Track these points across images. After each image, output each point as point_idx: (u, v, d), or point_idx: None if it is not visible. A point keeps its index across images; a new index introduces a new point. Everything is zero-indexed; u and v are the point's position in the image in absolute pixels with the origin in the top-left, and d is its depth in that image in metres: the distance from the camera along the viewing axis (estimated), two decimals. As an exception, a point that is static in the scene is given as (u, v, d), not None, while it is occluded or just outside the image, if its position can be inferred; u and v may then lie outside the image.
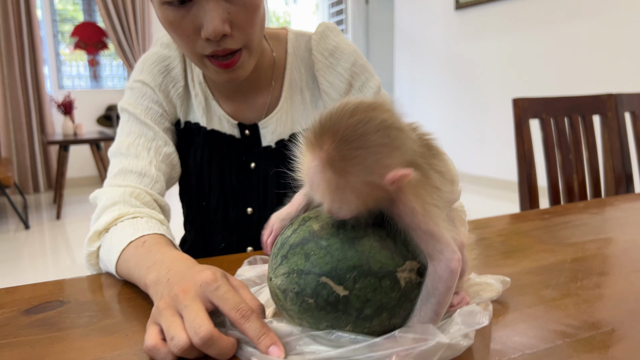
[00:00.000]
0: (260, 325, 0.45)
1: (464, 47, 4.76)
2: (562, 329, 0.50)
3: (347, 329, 0.44)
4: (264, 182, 0.87)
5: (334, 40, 0.87)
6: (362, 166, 0.39)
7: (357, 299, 0.43)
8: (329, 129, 0.40)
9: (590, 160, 1.58)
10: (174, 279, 0.51)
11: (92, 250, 0.70)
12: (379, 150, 0.39)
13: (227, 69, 0.73)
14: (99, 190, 0.77)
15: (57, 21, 5.11)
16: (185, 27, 0.69)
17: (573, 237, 0.81)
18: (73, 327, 0.53)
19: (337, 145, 0.39)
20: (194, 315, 0.45)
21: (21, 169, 4.80)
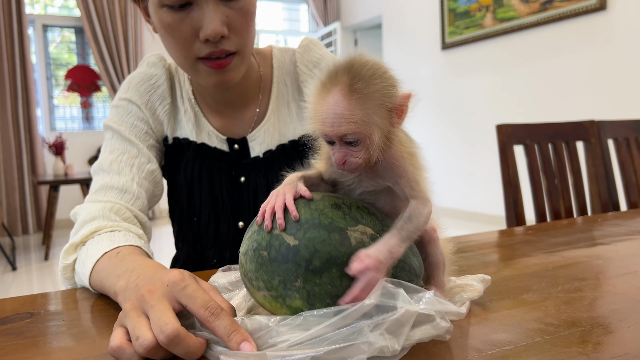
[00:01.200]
0: (230, 323, 0.43)
1: (451, 85, 4.87)
2: (541, 327, 0.49)
3: (298, 285, 0.44)
4: (254, 195, 0.87)
5: (317, 52, 0.90)
6: (379, 87, 0.44)
7: (306, 248, 0.45)
8: (343, 68, 0.44)
9: (575, 185, 1.59)
10: (142, 283, 0.50)
11: (68, 263, 0.69)
12: (389, 81, 0.45)
13: (220, 70, 0.75)
14: (78, 206, 0.77)
15: (51, 64, 5.19)
16: (184, 29, 0.72)
17: (556, 248, 0.80)
18: (40, 336, 0.51)
19: (355, 76, 0.44)
20: (160, 314, 0.43)
21: (11, 210, 4.76)
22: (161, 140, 0.88)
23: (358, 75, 0.44)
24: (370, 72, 0.44)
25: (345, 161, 0.46)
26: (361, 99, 0.44)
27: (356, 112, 0.44)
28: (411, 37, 5.34)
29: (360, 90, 0.44)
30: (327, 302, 0.45)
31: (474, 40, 4.53)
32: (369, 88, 0.44)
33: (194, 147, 0.87)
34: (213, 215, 0.87)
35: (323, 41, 6.36)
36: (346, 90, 0.44)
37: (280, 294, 0.46)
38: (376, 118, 0.44)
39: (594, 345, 0.45)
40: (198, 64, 0.75)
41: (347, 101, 0.44)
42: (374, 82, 0.44)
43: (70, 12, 5.25)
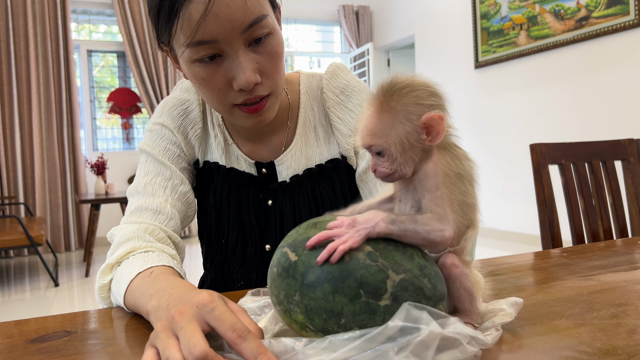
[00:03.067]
0: (257, 345, 0.44)
1: (485, 104, 4.81)
2: (574, 355, 0.48)
3: (297, 298, 0.46)
4: (281, 218, 0.88)
5: (344, 78, 0.91)
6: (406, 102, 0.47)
7: (303, 264, 0.47)
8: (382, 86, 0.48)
9: (615, 205, 1.54)
10: (173, 303, 0.51)
11: (104, 283, 0.72)
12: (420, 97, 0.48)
13: (256, 113, 0.76)
14: (115, 227, 0.79)
15: (95, 88, 5.41)
16: (217, 81, 0.72)
17: (592, 272, 0.78)
18: (76, 354, 0.53)
19: (387, 92, 0.48)
20: (189, 335, 0.44)
21: (54, 228, 4.94)
22: (192, 163, 0.91)
23: (390, 91, 0.47)
24: (401, 89, 0.47)
25: (375, 169, 0.50)
26: (386, 114, 0.47)
27: (378, 125, 0.48)
28: (444, 56, 5.32)
29: (387, 106, 0.47)
30: (323, 317, 0.45)
31: (507, 58, 4.48)
32: (395, 103, 0.47)
33: (223, 171, 0.89)
34: (240, 238, 0.89)
35: (356, 62, 6.41)
36: (377, 106, 0.48)
37: (286, 308, 0.48)
38: (397, 131, 0.47)
39: (628, 375, 0.44)
40: (234, 110, 0.77)
41: (375, 116, 0.48)
42: (402, 99, 0.47)
43: (113, 38, 5.48)
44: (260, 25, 0.70)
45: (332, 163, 0.90)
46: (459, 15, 5.05)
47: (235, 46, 0.70)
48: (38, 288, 3.75)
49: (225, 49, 0.70)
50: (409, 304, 0.43)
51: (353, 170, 0.92)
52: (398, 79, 0.48)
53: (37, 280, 3.98)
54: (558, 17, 4.00)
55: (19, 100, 4.80)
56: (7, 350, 0.55)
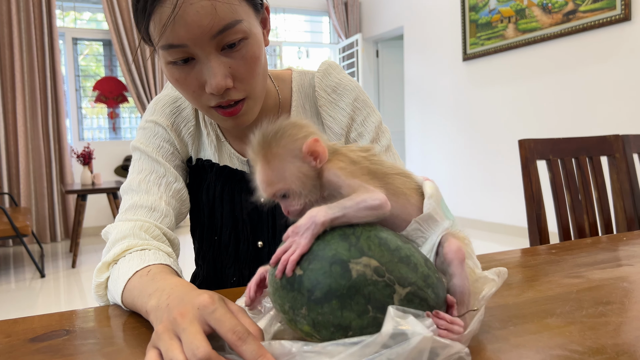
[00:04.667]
0: (257, 347, 0.44)
1: (472, 96, 4.84)
2: (565, 354, 0.50)
3: (303, 312, 0.46)
4: (273, 216, 0.89)
5: (336, 77, 0.91)
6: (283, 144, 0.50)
7: (309, 279, 0.47)
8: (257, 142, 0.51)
9: (600, 200, 1.58)
10: (173, 304, 0.51)
11: (101, 281, 0.72)
12: (293, 135, 0.51)
13: (232, 116, 0.77)
14: (110, 225, 0.79)
15: (80, 76, 5.33)
16: (191, 83, 0.73)
17: (580, 270, 0.80)
18: (77, 354, 0.54)
19: (264, 144, 0.51)
20: (192, 337, 0.45)
21: (40, 218, 4.89)
22: (185, 160, 0.91)
23: (267, 141, 0.51)
24: (275, 135, 0.51)
25: (288, 211, 0.53)
26: (274, 161, 0.51)
27: (272, 174, 0.51)
28: (432, 48, 5.34)
29: (271, 154, 0.50)
30: (331, 330, 0.46)
31: (495, 51, 4.51)
32: (276, 149, 0.50)
33: (216, 169, 0.89)
34: (233, 235, 0.90)
35: (345, 52, 6.40)
36: (263, 158, 0.51)
37: (292, 318, 0.48)
38: (290, 171, 0.50)
39: (617, 374, 0.45)
40: (211, 111, 0.77)
41: (266, 167, 0.51)
42: (280, 142, 0.50)
43: (98, 25, 5.40)
44: (232, 31, 0.69)
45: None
46: (447, 8, 5.06)
47: (206, 50, 0.69)
48: (23, 279, 3.72)
49: (197, 53, 0.70)
50: (393, 307, 0.44)
51: None
52: (267, 129, 0.51)
53: (22, 272, 3.94)
54: (546, 11, 4.03)
55: (2, 88, 4.72)
56: (7, 349, 0.55)
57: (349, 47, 6.32)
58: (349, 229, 0.49)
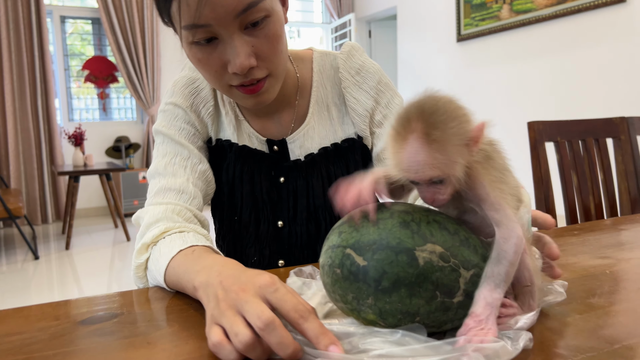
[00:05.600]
0: (318, 326, 0.45)
1: (466, 78, 4.85)
2: (618, 336, 0.51)
3: (369, 302, 0.47)
4: (294, 195, 0.89)
5: (359, 59, 0.92)
6: (456, 121, 0.46)
7: (375, 269, 0.47)
8: (415, 116, 0.46)
9: (605, 182, 1.60)
10: (228, 282, 0.51)
11: (141, 262, 0.72)
12: (462, 116, 0.47)
13: (254, 94, 0.77)
14: (140, 210, 0.80)
15: (69, 56, 5.22)
16: (213, 63, 0.73)
17: (607, 250, 0.82)
18: (132, 336, 0.54)
19: (429, 123, 0.45)
20: (255, 306, 0.46)
21: (30, 200, 4.83)
22: (206, 141, 0.91)
23: (432, 121, 0.45)
24: (444, 117, 0.46)
25: (434, 199, 0.48)
26: (440, 145, 0.45)
27: (438, 157, 0.45)
28: (426, 28, 5.31)
29: (438, 138, 0.45)
30: (398, 317, 0.47)
31: (490, 32, 4.50)
32: (445, 133, 0.45)
33: (236, 149, 0.89)
34: (253, 215, 0.90)
35: (337, 32, 6.34)
36: (424, 138, 0.45)
37: (354, 308, 0.49)
38: (457, 157, 0.46)
39: (675, 352, 0.47)
40: (233, 90, 0.77)
41: (427, 149, 0.45)
42: (449, 126, 0.46)
43: (83, 3, 5.27)
44: (256, 9, 0.69)
45: (348, 142, 0.91)
46: (442, -12, 5.03)
47: (230, 30, 0.69)
48: (15, 261, 3.69)
49: (221, 32, 0.70)
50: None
51: (368, 151, 0.93)
52: (427, 104, 0.47)
53: (14, 254, 3.91)
54: (541, -8, 4.02)
55: (-11, 67, 4.60)
56: (59, 333, 0.55)
57: (341, 27, 6.26)
58: (407, 216, 0.50)
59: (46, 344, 0.52)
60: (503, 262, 0.47)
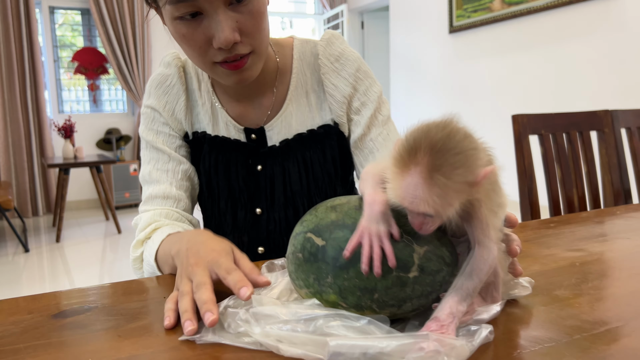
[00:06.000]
0: (240, 278, 0.55)
1: (458, 70, 4.85)
2: (578, 325, 0.52)
3: (329, 281, 0.49)
4: (271, 182, 0.91)
5: (339, 47, 0.93)
6: (464, 168, 0.44)
7: (332, 248, 0.50)
8: (421, 145, 0.44)
9: (589, 175, 1.62)
10: (191, 252, 0.62)
11: (137, 255, 0.81)
12: (472, 154, 0.45)
13: (237, 70, 0.78)
14: (137, 216, 0.88)
15: (58, 47, 5.18)
16: (198, 38, 0.74)
17: (580, 243, 0.83)
18: (104, 329, 0.54)
19: (437, 155, 0.44)
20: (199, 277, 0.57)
21: (20, 192, 4.80)
22: (183, 137, 0.93)
23: (439, 163, 0.44)
24: (453, 160, 0.44)
25: (421, 228, 0.48)
26: (442, 187, 0.44)
27: (436, 198, 0.44)
28: (418, 20, 5.30)
29: (442, 180, 0.44)
30: (357, 294, 0.49)
31: (482, 23, 4.50)
32: (449, 180, 0.44)
33: (209, 140, 0.91)
34: (230, 203, 0.92)
35: (329, 24, 6.32)
36: (427, 177, 0.44)
37: (317, 290, 0.51)
38: (455, 201, 0.45)
39: (628, 341, 0.48)
40: (216, 67, 0.78)
41: (427, 188, 0.44)
42: (455, 173, 0.44)
43: (75, -6, 5.22)
44: None
45: (324, 129, 0.92)
46: (434, -21, 5.01)
47: (215, 5, 0.71)
48: (6, 254, 3.68)
49: (205, 7, 0.71)
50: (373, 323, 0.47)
51: (344, 137, 0.94)
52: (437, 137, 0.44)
53: (5, 246, 3.90)
54: (533, -16, 4.02)
55: (-23, 58, 4.56)
56: (32, 326, 0.55)
57: (333, 18, 6.24)
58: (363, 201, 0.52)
59: (18, 337, 0.53)
60: (474, 279, 0.49)
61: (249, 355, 0.47)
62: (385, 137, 0.92)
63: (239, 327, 0.51)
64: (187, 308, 0.54)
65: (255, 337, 0.48)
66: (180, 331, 0.52)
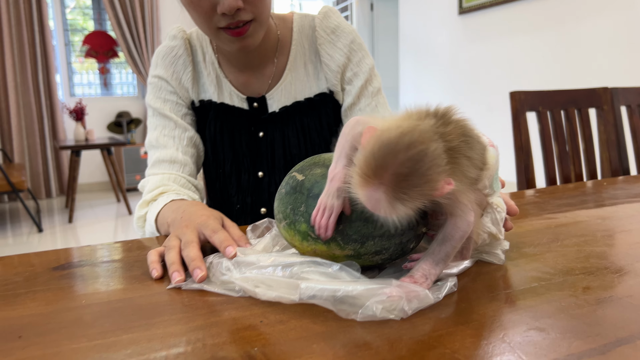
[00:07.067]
0: (225, 238, 0.60)
1: (468, 51, 4.82)
2: (538, 275, 0.56)
3: (302, 210, 0.55)
4: (272, 147, 0.97)
5: (335, 20, 0.98)
6: (421, 192, 0.45)
7: (309, 181, 0.56)
8: (387, 166, 0.45)
9: (587, 152, 1.63)
10: (184, 219, 0.69)
11: (141, 214, 0.86)
12: (431, 177, 0.45)
13: (239, 37, 0.83)
14: (143, 179, 0.92)
15: (69, 30, 5.23)
16: (204, 4, 0.80)
17: (561, 209, 0.86)
18: (102, 277, 0.59)
19: (397, 180, 0.45)
20: (188, 236, 0.63)
21: (34, 174, 4.90)
22: (189, 105, 0.98)
23: (403, 183, 0.45)
24: (417, 181, 0.45)
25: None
26: (404, 203, 0.45)
27: (398, 210, 0.46)
28: (428, 1, 5.26)
29: (404, 197, 0.45)
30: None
31: (491, 4, 4.46)
32: (412, 196, 0.45)
33: (215, 107, 0.97)
34: (235, 166, 0.98)
35: (339, 5, 6.29)
36: (390, 193, 0.45)
37: (292, 220, 0.56)
38: (416, 207, 0.46)
39: (583, 289, 0.51)
40: (220, 33, 0.83)
41: (389, 202, 0.45)
42: (417, 190, 0.45)
43: (85, -23, 5.25)
44: None
45: (320, 97, 0.98)
46: (443, -41, 4.96)
47: None
48: (20, 234, 3.78)
49: None
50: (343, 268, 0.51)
51: (338, 105, 1.00)
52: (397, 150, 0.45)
53: (19, 227, 4.00)
54: (543, -37, 3.97)
55: (-11, 42, 4.63)
56: (31, 277, 0.60)
57: (342, 0, 6.21)
58: None
59: (19, 285, 0.57)
60: (447, 245, 0.52)
61: (231, 299, 0.52)
62: (373, 108, 0.96)
63: (222, 275, 0.55)
64: (174, 260, 0.59)
65: (236, 282, 0.52)
66: (168, 280, 0.56)
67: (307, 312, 0.48)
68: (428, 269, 0.51)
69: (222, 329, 0.45)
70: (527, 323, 0.45)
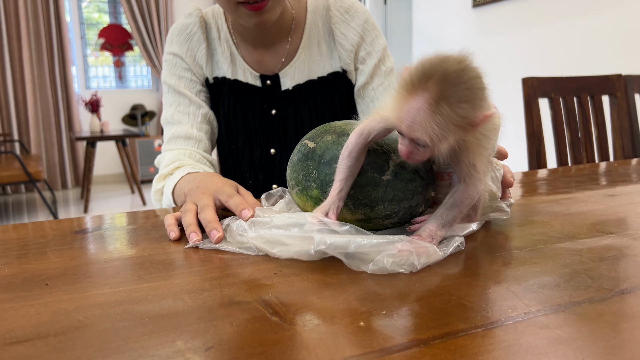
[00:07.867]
0: (241, 201, 0.62)
1: (482, 44, 4.80)
2: (544, 239, 0.57)
3: (314, 176, 0.57)
4: (284, 125, 0.99)
5: (349, 1, 1.00)
6: (470, 103, 0.45)
7: (320, 148, 0.58)
8: (435, 73, 0.44)
9: (599, 138, 1.62)
10: (200, 187, 0.71)
11: (158, 188, 0.89)
12: (480, 93, 0.46)
13: (257, 12, 0.85)
14: (160, 155, 0.95)
15: (85, 24, 5.30)
16: None
17: (569, 186, 0.87)
18: (122, 239, 0.62)
19: (448, 85, 0.44)
20: (204, 200, 0.65)
21: (50, 165, 4.98)
22: (204, 82, 1.00)
23: (448, 94, 0.44)
24: (461, 94, 0.44)
25: (409, 156, 0.49)
26: (443, 118, 0.44)
27: (434, 127, 0.44)
28: (441, -6, 5.24)
29: (446, 110, 0.44)
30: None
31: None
32: (453, 112, 0.44)
33: (229, 84, 0.99)
34: (248, 143, 1.00)
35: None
36: (432, 104, 0.44)
37: (304, 187, 0.58)
38: (451, 135, 0.45)
39: (588, 249, 0.53)
40: (239, 8, 0.85)
41: (430, 115, 0.44)
42: (460, 107, 0.44)
43: (101, -29, 5.31)
44: None
45: (333, 75, 1.00)
46: (457, -48, 4.93)
47: None
48: (39, 223, 3.85)
49: None
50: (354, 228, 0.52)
51: (351, 85, 1.01)
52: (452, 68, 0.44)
53: (36, 217, 4.07)
54: (558, -45, 3.93)
55: (8, 36, 4.70)
56: (57, 238, 0.63)
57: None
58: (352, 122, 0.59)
59: (44, 245, 0.60)
60: (455, 210, 0.53)
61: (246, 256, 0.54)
62: (386, 87, 0.97)
63: (238, 236, 0.57)
64: (190, 222, 0.61)
65: (251, 240, 0.54)
66: (185, 242, 0.59)
67: (319, 267, 0.50)
68: (435, 230, 0.53)
69: (238, 279, 0.47)
70: (531, 276, 0.46)
